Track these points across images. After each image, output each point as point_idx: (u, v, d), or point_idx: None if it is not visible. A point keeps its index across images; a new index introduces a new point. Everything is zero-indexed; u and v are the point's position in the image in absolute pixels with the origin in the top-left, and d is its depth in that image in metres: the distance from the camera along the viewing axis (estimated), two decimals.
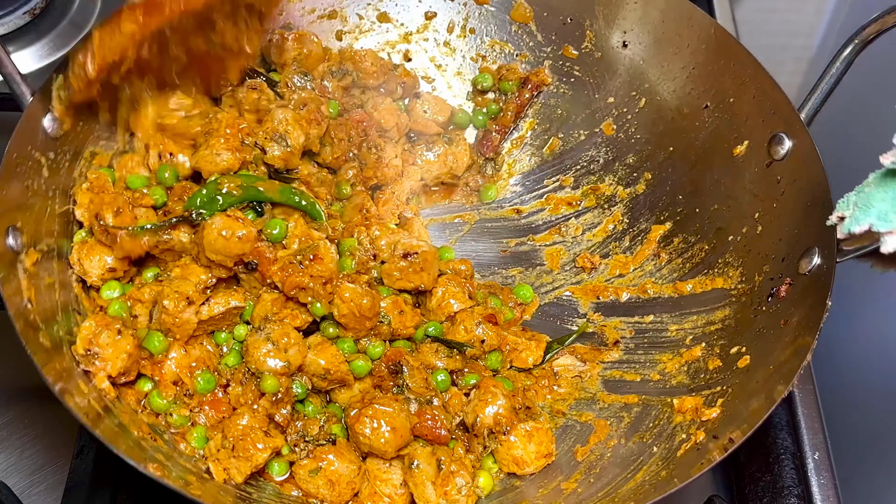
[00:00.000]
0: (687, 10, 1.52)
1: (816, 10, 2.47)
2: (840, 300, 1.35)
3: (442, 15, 1.70)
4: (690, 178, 1.54)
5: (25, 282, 1.22)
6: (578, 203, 1.66)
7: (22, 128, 1.26)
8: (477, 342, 1.40)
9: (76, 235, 1.34)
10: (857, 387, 1.90)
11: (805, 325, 1.25)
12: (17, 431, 1.44)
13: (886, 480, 1.75)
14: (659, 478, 1.21)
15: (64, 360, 1.20)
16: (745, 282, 1.41)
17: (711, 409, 1.28)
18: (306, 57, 1.57)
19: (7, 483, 1.31)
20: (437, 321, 1.42)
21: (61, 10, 1.90)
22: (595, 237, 1.63)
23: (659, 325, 1.50)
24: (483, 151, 1.70)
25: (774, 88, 1.41)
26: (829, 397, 1.53)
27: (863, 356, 1.92)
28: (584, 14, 1.61)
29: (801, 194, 1.35)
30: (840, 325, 1.93)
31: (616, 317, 1.54)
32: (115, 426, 1.17)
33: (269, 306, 1.32)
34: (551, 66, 1.67)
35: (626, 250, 1.59)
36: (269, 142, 1.42)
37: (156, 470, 1.11)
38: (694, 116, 1.54)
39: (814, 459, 1.42)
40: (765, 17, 2.52)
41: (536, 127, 1.70)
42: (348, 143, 1.54)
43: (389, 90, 1.64)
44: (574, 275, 1.61)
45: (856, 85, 1.47)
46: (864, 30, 1.29)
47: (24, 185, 1.26)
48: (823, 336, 1.21)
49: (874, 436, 1.82)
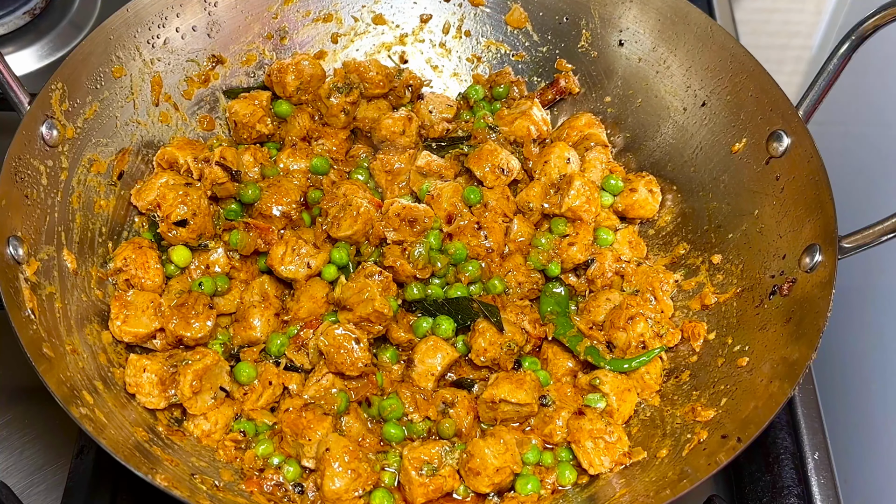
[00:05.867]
0: (683, 9, 1.52)
1: (816, 10, 2.47)
2: (840, 300, 1.35)
3: (437, 16, 1.70)
4: (688, 175, 1.54)
5: (27, 292, 1.22)
6: None
7: (20, 136, 1.27)
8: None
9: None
10: (857, 387, 1.90)
11: (809, 323, 1.24)
12: (17, 431, 1.44)
13: (886, 480, 1.75)
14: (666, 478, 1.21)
15: (67, 369, 1.21)
16: (746, 279, 1.40)
17: (714, 409, 1.28)
18: (308, 83, 1.58)
19: (7, 483, 1.31)
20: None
21: (61, 10, 1.91)
22: None
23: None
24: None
25: (772, 85, 1.41)
26: (829, 397, 1.53)
27: (863, 356, 1.92)
28: (581, 13, 1.62)
29: (801, 191, 1.35)
30: (840, 325, 1.93)
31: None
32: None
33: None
34: (549, 65, 1.68)
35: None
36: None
37: (163, 480, 1.11)
38: (692, 114, 1.54)
39: (814, 459, 1.42)
40: (765, 17, 2.52)
41: None
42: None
43: (398, 96, 1.65)
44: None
45: (855, 81, 1.47)
46: (860, 26, 1.29)
47: (24, 194, 1.27)
48: (824, 336, 1.21)
49: (874, 436, 1.81)
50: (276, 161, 1.56)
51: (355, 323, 1.38)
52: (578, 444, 1.31)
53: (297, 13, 1.63)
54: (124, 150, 1.46)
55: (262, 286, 1.44)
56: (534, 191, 1.52)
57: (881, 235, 1.25)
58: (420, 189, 1.52)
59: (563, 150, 1.54)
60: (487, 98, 1.69)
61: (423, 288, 1.45)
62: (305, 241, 1.44)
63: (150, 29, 1.47)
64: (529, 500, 1.29)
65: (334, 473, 1.24)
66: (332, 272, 1.44)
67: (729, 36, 1.48)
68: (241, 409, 1.35)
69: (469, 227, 1.47)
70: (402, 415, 1.35)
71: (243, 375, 1.34)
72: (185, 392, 1.28)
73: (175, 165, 1.48)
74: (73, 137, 1.36)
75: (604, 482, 1.30)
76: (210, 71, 1.57)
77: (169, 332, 1.35)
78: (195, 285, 1.41)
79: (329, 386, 1.35)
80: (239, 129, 1.56)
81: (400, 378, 1.42)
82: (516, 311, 1.45)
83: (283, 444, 1.32)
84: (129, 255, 1.40)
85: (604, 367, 1.39)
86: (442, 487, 1.27)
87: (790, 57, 2.59)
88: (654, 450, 1.31)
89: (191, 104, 1.56)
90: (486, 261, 1.48)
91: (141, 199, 1.44)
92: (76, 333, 1.28)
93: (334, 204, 1.46)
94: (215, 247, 1.45)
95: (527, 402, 1.33)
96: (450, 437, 1.35)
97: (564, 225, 1.50)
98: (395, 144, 1.58)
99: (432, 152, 1.54)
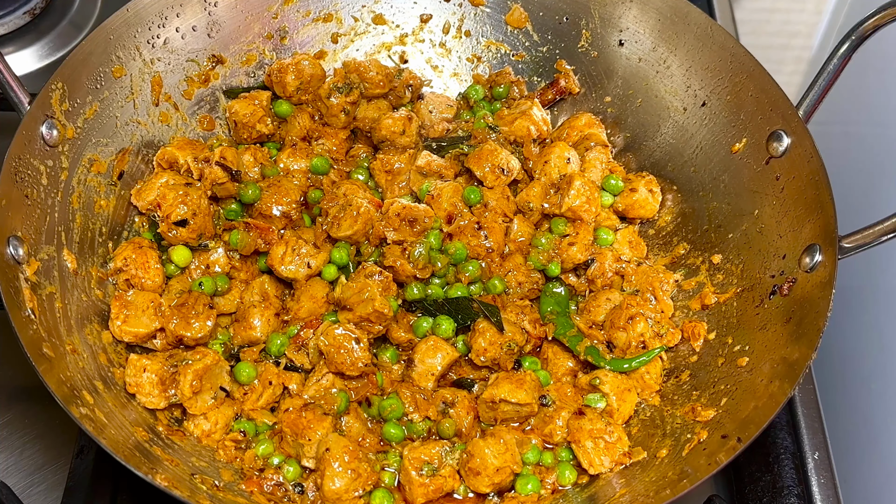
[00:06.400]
0: (683, 9, 1.52)
1: (816, 10, 2.47)
2: (840, 300, 1.35)
3: (437, 16, 1.70)
4: (688, 175, 1.54)
5: (27, 292, 1.22)
6: None
7: (20, 136, 1.27)
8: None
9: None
10: (857, 387, 1.90)
11: (809, 323, 1.24)
12: (17, 431, 1.44)
13: (886, 480, 1.75)
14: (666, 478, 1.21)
15: (67, 369, 1.21)
16: (747, 279, 1.40)
17: (714, 409, 1.28)
18: (308, 83, 1.58)
19: (7, 483, 1.31)
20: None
21: (61, 10, 1.91)
22: None
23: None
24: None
25: (772, 85, 1.41)
26: (829, 397, 1.53)
27: (863, 356, 1.92)
28: (581, 13, 1.62)
29: (801, 191, 1.35)
30: (840, 325, 1.93)
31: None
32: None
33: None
34: (549, 65, 1.68)
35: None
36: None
37: (163, 480, 1.11)
38: (692, 114, 1.54)
39: (814, 459, 1.42)
40: (765, 17, 2.52)
41: None
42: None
43: (398, 96, 1.65)
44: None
45: (855, 82, 1.47)
46: (860, 26, 1.29)
47: (24, 194, 1.27)
48: (824, 336, 1.21)
49: (874, 436, 1.81)
50: (276, 161, 1.56)
51: (355, 323, 1.38)
52: (578, 443, 1.31)
53: (297, 13, 1.63)
54: (124, 150, 1.46)
55: (262, 286, 1.45)
56: (534, 191, 1.52)
57: (881, 235, 1.25)
58: (420, 189, 1.52)
59: (563, 150, 1.54)
60: (487, 98, 1.69)
61: (423, 288, 1.45)
62: (305, 241, 1.44)
63: (150, 29, 1.47)
64: (529, 500, 1.29)
65: (334, 473, 1.24)
66: (332, 272, 1.44)
67: (729, 36, 1.48)
68: (241, 409, 1.35)
69: (469, 227, 1.47)
70: (402, 415, 1.35)
71: (243, 375, 1.34)
72: (185, 392, 1.28)
73: (175, 165, 1.48)
74: (73, 137, 1.36)
75: (604, 482, 1.30)
76: (210, 71, 1.57)
77: (169, 332, 1.35)
78: (195, 285, 1.41)
79: (329, 386, 1.35)
80: (239, 129, 1.56)
81: (400, 378, 1.42)
82: (516, 311, 1.45)
83: (283, 444, 1.32)
84: (129, 255, 1.40)
85: (604, 367, 1.39)
86: (442, 487, 1.27)
87: (790, 57, 2.59)
88: (654, 450, 1.31)
89: (191, 104, 1.57)
90: (486, 261, 1.48)
91: (141, 199, 1.44)
92: (76, 333, 1.28)
93: (334, 204, 1.46)
94: (215, 247, 1.45)
95: (527, 402, 1.33)
96: (450, 437, 1.35)
97: (564, 225, 1.50)
98: (395, 144, 1.58)
99: (432, 152, 1.54)
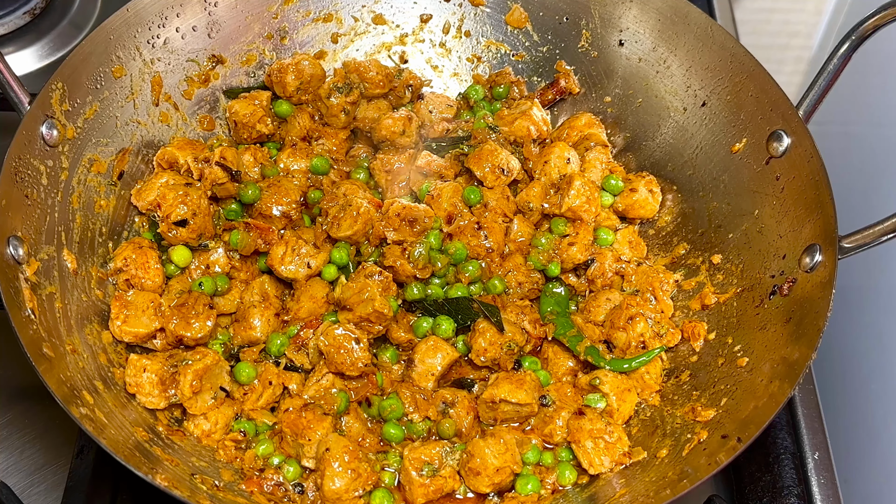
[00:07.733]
0: (683, 9, 1.52)
1: (816, 10, 2.47)
2: (840, 300, 1.35)
3: (437, 16, 1.70)
4: (688, 175, 1.54)
5: (27, 292, 1.22)
6: None
7: (20, 136, 1.27)
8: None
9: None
10: (857, 387, 1.90)
11: (809, 323, 1.24)
12: (17, 431, 1.44)
13: (886, 480, 1.75)
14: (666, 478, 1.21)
15: (67, 369, 1.21)
16: (747, 279, 1.40)
17: (714, 409, 1.28)
18: (308, 83, 1.58)
19: (7, 483, 1.31)
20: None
21: (61, 10, 1.90)
22: None
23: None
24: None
25: (772, 85, 1.41)
26: (829, 397, 1.53)
27: (863, 356, 1.92)
28: (581, 13, 1.62)
29: (801, 191, 1.35)
30: (840, 325, 1.93)
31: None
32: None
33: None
34: (549, 65, 1.68)
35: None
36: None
37: (163, 480, 1.11)
38: (692, 114, 1.54)
39: (814, 459, 1.42)
40: (765, 17, 2.52)
41: None
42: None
43: (398, 96, 1.65)
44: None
45: (855, 81, 1.47)
46: (860, 26, 1.29)
47: (24, 194, 1.26)
48: (824, 336, 1.21)
49: (874, 436, 1.81)
50: (276, 161, 1.56)
51: (355, 323, 1.38)
52: (578, 444, 1.31)
53: (297, 13, 1.63)
54: (124, 150, 1.46)
55: (262, 286, 1.45)
56: (534, 191, 1.52)
57: (881, 235, 1.25)
58: (420, 189, 1.52)
59: (563, 150, 1.54)
60: (487, 98, 1.69)
61: (423, 288, 1.45)
62: (305, 241, 1.44)
63: (150, 29, 1.47)
64: (529, 500, 1.29)
65: (334, 473, 1.24)
66: (332, 272, 1.44)
67: (729, 36, 1.48)
68: (241, 409, 1.35)
69: (469, 227, 1.47)
70: (402, 415, 1.35)
71: (243, 375, 1.34)
72: (185, 392, 1.28)
73: (175, 165, 1.48)
74: (73, 137, 1.36)
75: (604, 482, 1.30)
76: (210, 71, 1.57)
77: (169, 332, 1.35)
78: (195, 285, 1.41)
79: (329, 386, 1.35)
80: (239, 129, 1.56)
81: (400, 378, 1.42)
82: (516, 311, 1.45)
83: (283, 444, 1.32)
84: (129, 255, 1.40)
85: (604, 367, 1.39)
86: (442, 488, 1.27)
87: (790, 57, 2.59)
88: (654, 450, 1.31)
89: (191, 104, 1.56)
90: (486, 261, 1.48)
91: (141, 199, 1.44)
92: (76, 333, 1.28)
93: (334, 204, 1.46)
94: (215, 247, 1.45)
95: (527, 402, 1.33)
96: (450, 437, 1.35)
97: (564, 225, 1.50)
98: (395, 144, 1.58)
99: (432, 152, 1.54)
